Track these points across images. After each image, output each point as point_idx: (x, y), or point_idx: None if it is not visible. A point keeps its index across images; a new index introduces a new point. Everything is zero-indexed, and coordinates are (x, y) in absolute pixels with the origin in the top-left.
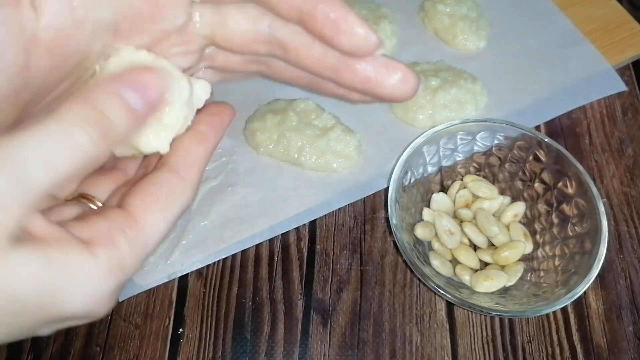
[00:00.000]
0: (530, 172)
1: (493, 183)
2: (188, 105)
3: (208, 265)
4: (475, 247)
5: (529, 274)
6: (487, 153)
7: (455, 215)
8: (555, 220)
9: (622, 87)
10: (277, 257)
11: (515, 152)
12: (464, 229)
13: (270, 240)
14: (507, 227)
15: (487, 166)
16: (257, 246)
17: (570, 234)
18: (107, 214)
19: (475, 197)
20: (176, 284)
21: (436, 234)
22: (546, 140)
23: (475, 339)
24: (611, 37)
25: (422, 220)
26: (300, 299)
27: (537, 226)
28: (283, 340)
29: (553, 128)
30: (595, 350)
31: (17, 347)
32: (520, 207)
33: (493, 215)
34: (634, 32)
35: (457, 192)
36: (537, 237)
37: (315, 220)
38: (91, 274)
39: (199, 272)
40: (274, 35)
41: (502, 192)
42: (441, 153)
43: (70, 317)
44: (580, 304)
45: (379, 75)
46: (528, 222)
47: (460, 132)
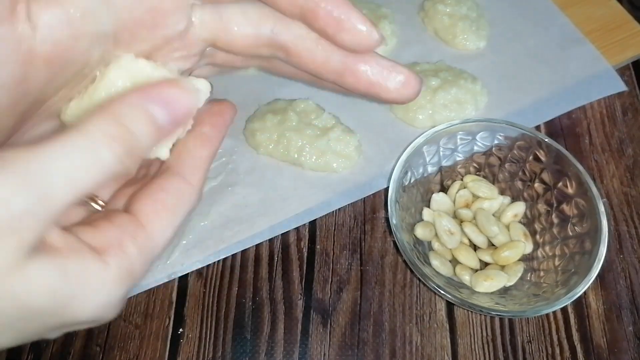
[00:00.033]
0: (530, 172)
1: (493, 183)
2: None
3: (208, 265)
4: (475, 247)
5: (529, 274)
6: (487, 153)
7: (455, 215)
8: (555, 220)
9: (622, 87)
10: (277, 257)
11: (515, 152)
12: (464, 229)
13: (270, 240)
14: (507, 227)
15: (487, 166)
16: (257, 246)
17: (570, 234)
18: (115, 220)
19: (475, 197)
20: (176, 284)
21: (436, 234)
22: (546, 140)
23: (475, 339)
24: (611, 37)
25: (422, 220)
26: (300, 299)
27: (537, 226)
28: (283, 340)
29: (553, 128)
30: (595, 350)
31: (17, 347)
32: (520, 207)
33: (493, 215)
34: (634, 32)
35: (457, 192)
36: (537, 237)
37: (315, 220)
38: (103, 282)
39: (199, 272)
40: (277, 39)
41: (502, 192)
42: (441, 153)
43: (79, 323)
44: (580, 304)
45: (381, 79)
46: (528, 222)
47: (460, 132)
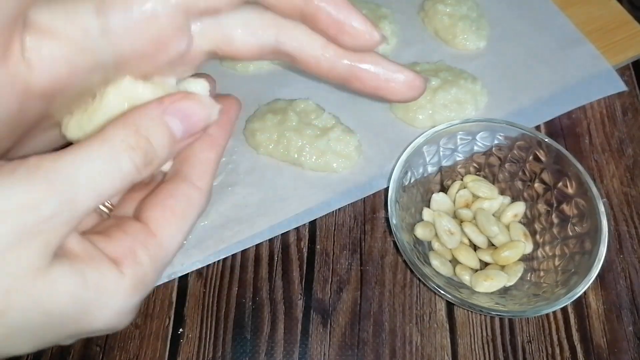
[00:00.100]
0: (530, 172)
1: (493, 183)
2: None
3: (208, 265)
4: (475, 247)
5: (529, 274)
6: (487, 153)
7: (455, 215)
8: (555, 220)
9: (622, 87)
10: (277, 257)
11: (515, 152)
12: (464, 229)
13: (270, 240)
14: (507, 227)
15: (487, 166)
16: (257, 246)
17: (570, 234)
18: (128, 229)
19: (475, 197)
20: (176, 284)
21: (436, 234)
22: (546, 140)
23: (475, 339)
24: (611, 37)
25: (422, 220)
26: (300, 299)
27: (537, 226)
28: (283, 340)
29: (553, 128)
30: (595, 350)
31: None
32: (520, 207)
33: (493, 215)
34: (634, 32)
35: (457, 192)
36: (537, 237)
37: (315, 220)
38: (119, 291)
39: (199, 272)
40: (281, 48)
41: (502, 192)
42: (441, 153)
43: (95, 330)
44: (580, 304)
45: (386, 82)
46: (528, 222)
47: (460, 132)
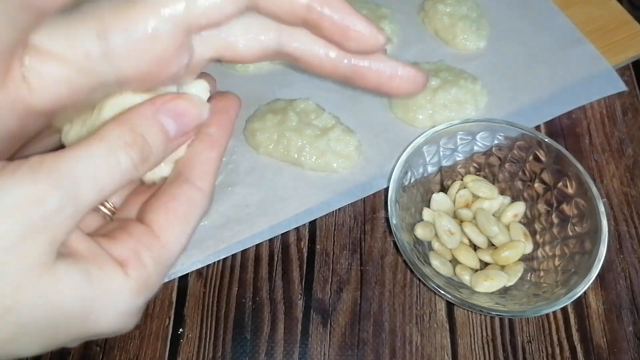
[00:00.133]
0: (530, 172)
1: (493, 183)
2: None
3: (208, 265)
4: (475, 247)
5: (529, 274)
6: (487, 153)
7: (455, 215)
8: (555, 220)
9: (622, 87)
10: (277, 257)
11: (515, 152)
12: (464, 229)
13: (270, 240)
14: (507, 227)
15: (487, 166)
16: (257, 246)
17: (570, 234)
18: (132, 231)
19: (475, 197)
20: (176, 284)
21: (436, 234)
22: (546, 140)
23: (475, 339)
24: (611, 37)
25: (422, 220)
26: (300, 299)
27: (537, 226)
28: (283, 340)
29: (553, 128)
30: (595, 350)
31: None
32: (520, 207)
33: (493, 215)
34: (634, 32)
35: (457, 192)
36: (537, 237)
37: (315, 220)
38: (124, 293)
39: (199, 272)
40: (284, 49)
41: (502, 192)
42: (441, 153)
43: (100, 333)
44: (580, 304)
45: (388, 79)
46: (528, 222)
47: (460, 132)
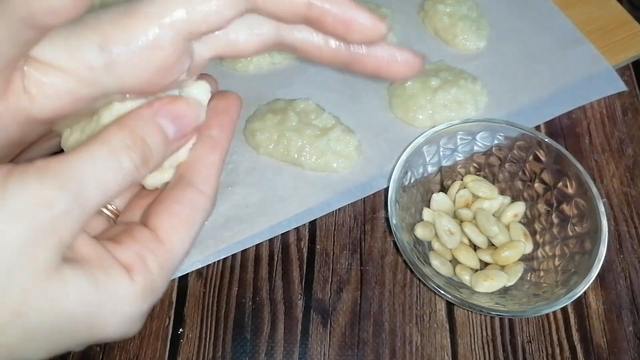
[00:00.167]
0: (530, 172)
1: (493, 183)
2: None
3: (208, 265)
4: (475, 247)
5: (529, 274)
6: (487, 153)
7: (455, 215)
8: (555, 220)
9: (622, 87)
10: (277, 257)
11: (515, 152)
12: (464, 229)
13: (270, 240)
14: (507, 227)
15: (487, 166)
16: (257, 246)
17: (570, 234)
18: (137, 236)
19: (475, 197)
20: (176, 284)
21: (436, 234)
22: (546, 140)
23: (475, 339)
24: (611, 37)
25: (422, 220)
26: (300, 299)
27: (537, 226)
28: (283, 340)
29: (553, 128)
30: (595, 350)
31: None
32: (520, 207)
33: (493, 215)
34: (634, 32)
35: (457, 192)
36: (537, 237)
37: (315, 220)
38: (129, 298)
39: (199, 272)
40: (283, 41)
41: (502, 192)
42: (441, 153)
43: (105, 338)
44: (580, 304)
45: (386, 63)
46: (528, 222)
47: (460, 132)
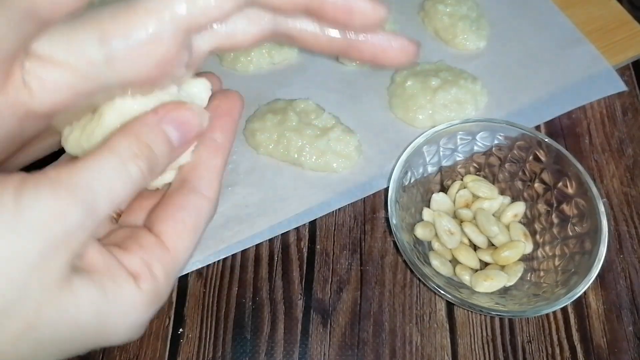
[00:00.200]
0: (530, 172)
1: (493, 183)
2: None
3: (208, 265)
4: (475, 247)
5: (529, 274)
6: (487, 153)
7: (455, 215)
8: (555, 220)
9: (622, 87)
10: (277, 257)
11: (515, 152)
12: (464, 229)
13: (270, 240)
14: (507, 227)
15: (487, 166)
16: (257, 246)
17: (570, 234)
18: (143, 242)
19: (475, 197)
20: (176, 284)
21: (436, 234)
22: (546, 140)
23: (475, 339)
24: (611, 37)
25: (422, 220)
26: (300, 299)
27: (537, 226)
28: (283, 340)
29: (553, 128)
30: (595, 350)
31: None
32: (520, 207)
33: (493, 215)
34: (634, 32)
35: (457, 192)
36: (537, 237)
37: (315, 220)
38: (136, 306)
39: (199, 272)
40: (280, 30)
41: (502, 192)
42: (441, 153)
43: (109, 344)
44: (580, 304)
45: (382, 49)
46: (528, 222)
47: (460, 132)
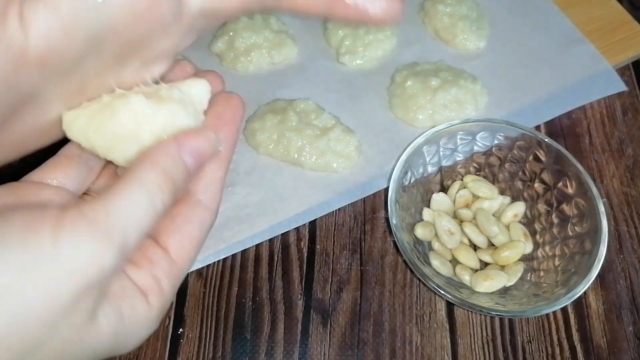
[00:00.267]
0: (530, 172)
1: (493, 183)
2: (194, 116)
3: (208, 265)
4: (475, 247)
5: (529, 274)
6: (487, 153)
7: (455, 215)
8: (555, 220)
9: (622, 87)
10: (277, 257)
11: (515, 152)
12: (464, 229)
13: (270, 240)
14: (507, 227)
15: (487, 166)
16: (257, 246)
17: (570, 234)
18: (152, 256)
19: (475, 197)
20: None
21: (436, 234)
22: (546, 140)
23: (475, 339)
24: (611, 37)
25: (422, 220)
26: (300, 299)
27: (537, 226)
28: (283, 340)
29: (553, 128)
30: (595, 350)
31: None
32: (520, 207)
33: (493, 215)
34: (634, 32)
35: (457, 192)
36: (537, 237)
37: (315, 220)
38: (148, 323)
39: (199, 272)
40: None
41: (502, 192)
42: (441, 153)
43: (119, 355)
44: (580, 304)
45: (367, 5)
46: (528, 222)
47: (460, 132)
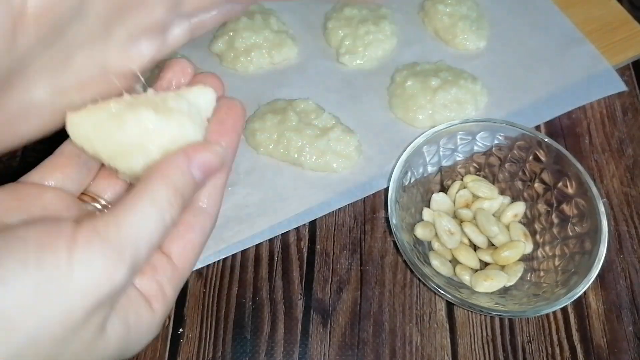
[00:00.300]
0: (530, 172)
1: (493, 183)
2: (200, 126)
3: (208, 265)
4: (475, 247)
5: (529, 274)
6: (487, 153)
7: (455, 215)
8: (555, 220)
9: (622, 87)
10: (277, 257)
11: (515, 152)
12: (464, 229)
13: (270, 240)
14: (507, 227)
15: (487, 166)
16: (257, 246)
17: (570, 234)
18: (156, 263)
19: (475, 197)
20: None
21: (436, 234)
22: (546, 140)
23: (475, 339)
24: (611, 37)
25: (422, 220)
26: (300, 299)
27: (537, 226)
28: (283, 340)
29: (553, 128)
30: (595, 350)
31: None
32: (520, 207)
33: (493, 215)
34: (634, 32)
35: (457, 192)
36: (537, 237)
37: (315, 220)
38: (152, 329)
39: (199, 272)
40: None
41: (502, 192)
42: (441, 153)
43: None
44: (580, 304)
45: None
46: (528, 222)
47: (460, 132)
